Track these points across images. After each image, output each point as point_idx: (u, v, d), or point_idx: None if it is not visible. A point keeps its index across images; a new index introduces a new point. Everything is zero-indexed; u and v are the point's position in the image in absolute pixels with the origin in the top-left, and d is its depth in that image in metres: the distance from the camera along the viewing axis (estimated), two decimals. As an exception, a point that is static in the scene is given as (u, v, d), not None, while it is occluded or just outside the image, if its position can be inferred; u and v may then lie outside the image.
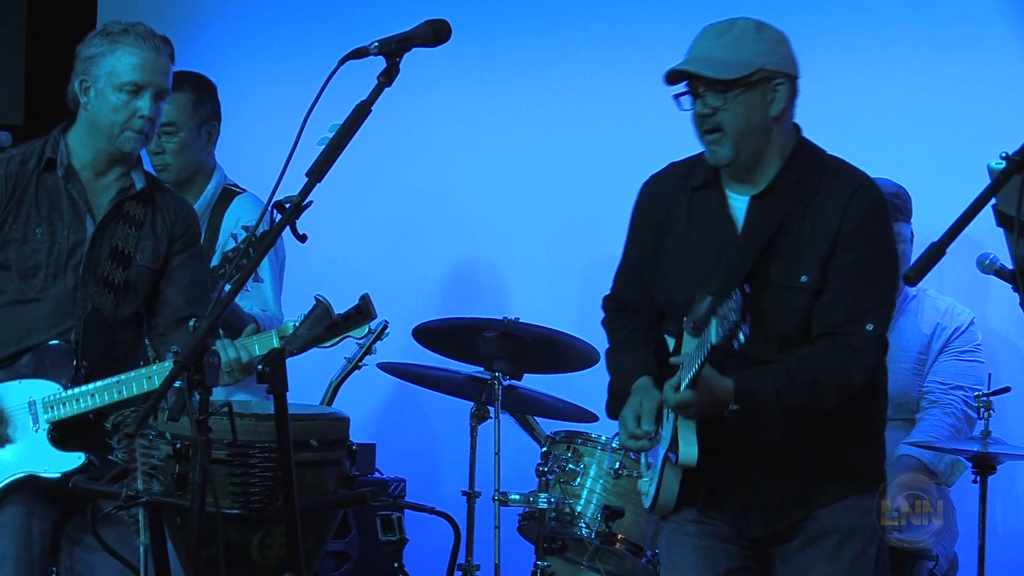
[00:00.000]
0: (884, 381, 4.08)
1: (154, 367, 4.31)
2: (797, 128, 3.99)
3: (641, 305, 4.17)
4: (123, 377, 4.30)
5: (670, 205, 4.07)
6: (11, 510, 4.33)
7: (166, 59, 4.44)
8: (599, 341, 5.59)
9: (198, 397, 3.45)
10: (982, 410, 4.87)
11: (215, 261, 5.18)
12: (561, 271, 6.72)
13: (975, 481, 4.74)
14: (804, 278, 3.83)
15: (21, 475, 4.31)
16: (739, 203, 3.96)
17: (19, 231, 4.40)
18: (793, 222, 3.87)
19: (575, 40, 6.75)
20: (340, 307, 4.19)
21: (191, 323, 4.30)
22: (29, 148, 4.48)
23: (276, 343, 4.31)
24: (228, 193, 5.53)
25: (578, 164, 6.70)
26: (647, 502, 4.06)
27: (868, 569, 3.96)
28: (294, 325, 4.39)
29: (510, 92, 6.89)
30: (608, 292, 4.31)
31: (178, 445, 4.02)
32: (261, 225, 4.72)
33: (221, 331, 5.00)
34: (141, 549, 4.50)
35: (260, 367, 3.76)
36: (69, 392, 4.31)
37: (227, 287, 4.69)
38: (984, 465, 4.72)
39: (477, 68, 6.90)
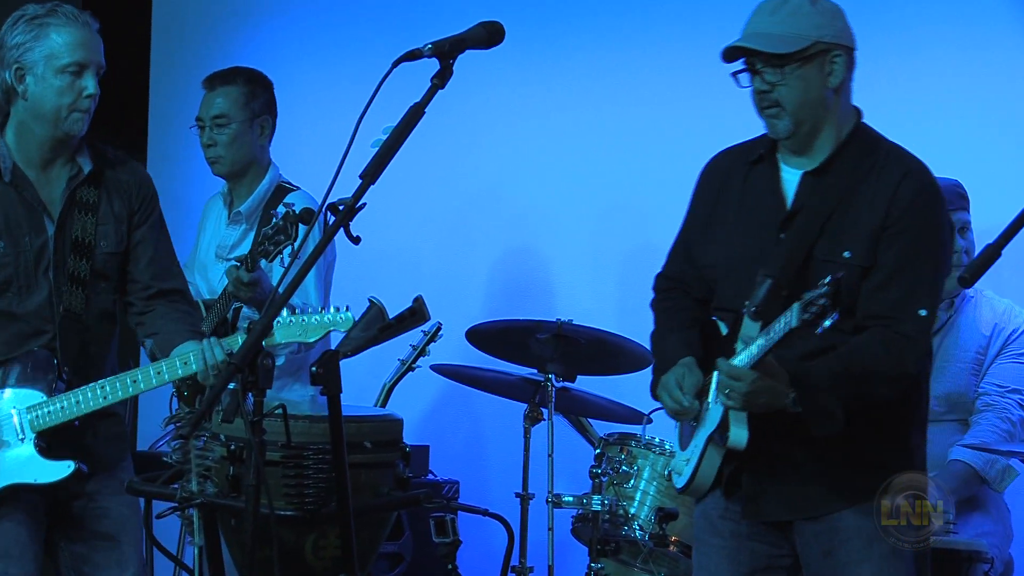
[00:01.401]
0: (926, 378, 4.02)
1: (138, 371, 4.22)
2: (858, 111, 3.99)
3: (690, 280, 4.15)
4: (106, 382, 4.22)
5: (726, 180, 4.08)
6: (2, 519, 4.24)
7: (98, 35, 4.33)
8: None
9: (252, 399, 3.46)
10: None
11: None
12: (612, 272, 6.70)
13: (1031, 484, 4.72)
14: (847, 254, 3.81)
15: (9, 486, 4.20)
16: (791, 176, 3.96)
17: None
18: (842, 199, 3.86)
19: (623, 40, 6.73)
20: (394, 308, 4.20)
21: (246, 324, 4.25)
22: None
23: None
24: (281, 190, 5.55)
25: (630, 165, 6.68)
26: (680, 482, 4.01)
27: (906, 567, 3.87)
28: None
29: (561, 93, 6.88)
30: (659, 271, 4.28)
31: (232, 447, 4.03)
32: (299, 205, 4.73)
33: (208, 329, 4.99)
34: (196, 551, 4.53)
35: (313, 368, 3.77)
36: (53, 400, 4.22)
37: (263, 263, 4.68)
38: (1042, 469, 4.71)
39: (526, 69, 6.88)
